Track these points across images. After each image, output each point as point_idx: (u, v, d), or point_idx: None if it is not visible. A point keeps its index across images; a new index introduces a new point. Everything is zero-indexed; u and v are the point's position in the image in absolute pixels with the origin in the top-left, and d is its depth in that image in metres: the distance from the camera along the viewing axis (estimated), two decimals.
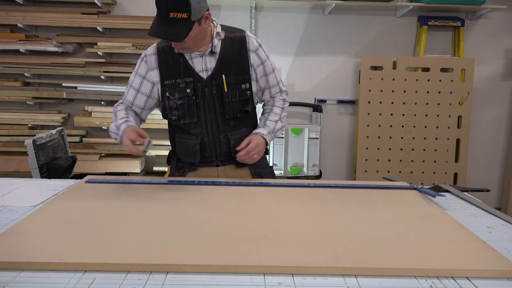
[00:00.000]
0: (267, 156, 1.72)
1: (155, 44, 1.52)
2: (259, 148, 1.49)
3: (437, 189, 1.46)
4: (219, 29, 1.48)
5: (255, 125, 1.63)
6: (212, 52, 1.47)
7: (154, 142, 3.54)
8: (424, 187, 1.45)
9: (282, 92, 1.64)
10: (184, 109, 1.50)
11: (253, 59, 1.52)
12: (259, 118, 1.64)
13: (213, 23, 1.47)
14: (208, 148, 1.55)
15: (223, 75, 1.47)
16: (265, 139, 1.52)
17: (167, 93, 1.50)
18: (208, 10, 1.37)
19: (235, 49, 1.49)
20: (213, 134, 1.53)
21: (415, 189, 1.42)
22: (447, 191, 1.45)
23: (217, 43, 1.47)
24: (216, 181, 1.46)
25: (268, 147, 1.65)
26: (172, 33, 1.29)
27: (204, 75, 1.48)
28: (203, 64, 1.47)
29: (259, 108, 1.67)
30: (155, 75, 1.50)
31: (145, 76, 1.51)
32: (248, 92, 1.52)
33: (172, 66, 1.48)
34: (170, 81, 1.48)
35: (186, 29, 1.30)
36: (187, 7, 1.26)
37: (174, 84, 1.48)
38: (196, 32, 1.34)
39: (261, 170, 1.63)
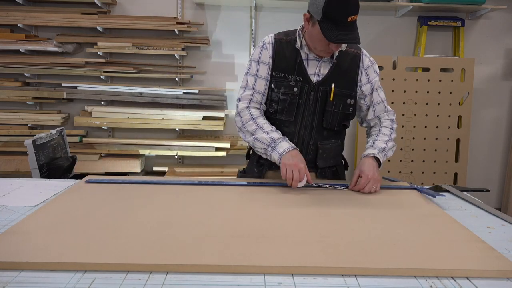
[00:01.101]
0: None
1: (272, 34, 1.52)
2: (373, 178, 1.37)
3: (437, 189, 1.46)
4: None
5: (343, 140, 1.65)
6: (331, 58, 1.47)
7: (154, 142, 3.53)
8: (424, 187, 1.45)
9: (388, 112, 1.61)
10: (284, 105, 1.48)
11: (363, 76, 1.52)
12: (367, 140, 1.59)
13: None
14: None
15: (333, 84, 1.46)
16: (377, 159, 1.44)
17: (272, 85, 1.49)
18: None
19: (348, 63, 1.50)
20: (303, 139, 1.51)
21: (415, 189, 1.42)
22: (447, 191, 1.45)
23: (336, 53, 1.47)
24: (216, 181, 1.46)
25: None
26: (355, 36, 1.32)
27: (314, 79, 1.47)
28: (317, 68, 1.47)
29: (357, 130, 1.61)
30: (270, 64, 1.50)
31: (268, 63, 1.49)
32: (351, 108, 1.53)
33: (286, 60, 1.47)
34: (279, 74, 1.48)
35: (357, 29, 1.33)
36: (359, 8, 1.32)
37: (282, 78, 1.47)
38: None
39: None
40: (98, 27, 3.13)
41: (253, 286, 0.78)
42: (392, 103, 3.29)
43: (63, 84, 3.20)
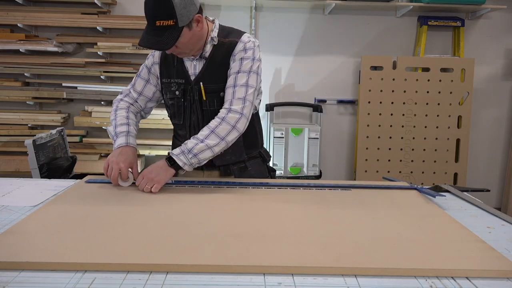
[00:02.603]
0: (267, 165, 1.64)
1: None
2: (147, 177, 1.31)
3: (437, 189, 1.46)
4: (215, 33, 1.42)
5: (248, 134, 1.50)
6: (201, 57, 1.43)
7: (154, 142, 3.53)
8: (424, 187, 1.45)
9: (232, 100, 1.39)
10: (174, 109, 1.50)
11: (232, 62, 1.42)
12: None
13: (212, 23, 1.45)
14: None
15: (201, 83, 1.43)
16: (172, 160, 1.34)
17: (163, 91, 1.52)
18: (199, 12, 1.33)
19: (223, 54, 1.42)
20: None
21: (415, 189, 1.42)
22: (447, 191, 1.45)
23: (209, 49, 1.42)
24: (216, 181, 1.45)
25: (264, 154, 1.61)
26: (160, 41, 1.27)
27: (193, 78, 1.46)
28: (192, 68, 1.45)
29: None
30: (157, 71, 1.52)
31: (150, 68, 1.52)
32: None
33: (170, 66, 1.48)
34: (166, 79, 1.49)
35: (174, 36, 1.27)
36: (172, 14, 1.24)
37: (168, 84, 1.49)
38: (188, 37, 1.32)
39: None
40: (98, 27, 3.13)
41: (253, 286, 0.78)
42: (392, 103, 3.30)
43: (63, 84, 3.20)
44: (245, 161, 1.56)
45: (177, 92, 1.46)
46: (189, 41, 1.33)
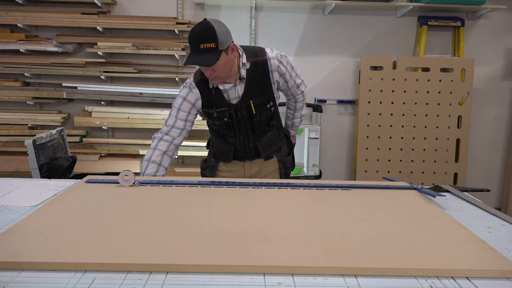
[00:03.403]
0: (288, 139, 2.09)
1: (192, 79, 1.75)
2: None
3: (437, 189, 1.45)
4: (244, 60, 1.68)
5: (277, 125, 1.91)
6: (241, 79, 1.69)
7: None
8: (424, 187, 1.45)
9: (299, 86, 1.90)
10: (222, 127, 1.78)
11: (275, 76, 1.76)
12: (286, 114, 2.03)
13: (238, 51, 1.68)
14: (240, 152, 1.85)
15: (250, 101, 1.71)
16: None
17: (207, 117, 1.80)
18: (233, 42, 1.60)
19: (259, 71, 1.72)
20: (244, 143, 1.82)
21: (415, 189, 1.42)
22: (447, 191, 1.45)
23: (244, 72, 1.69)
24: (216, 181, 1.45)
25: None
26: (204, 59, 1.53)
27: (235, 101, 1.72)
28: (236, 93, 1.71)
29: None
30: (199, 104, 1.75)
31: (194, 103, 1.74)
32: (272, 108, 1.79)
33: (208, 98, 1.73)
34: (207, 110, 1.75)
35: (215, 56, 1.53)
36: (214, 38, 1.51)
37: (210, 113, 1.75)
38: (224, 61, 1.57)
39: (285, 158, 1.96)
40: (98, 27, 3.13)
41: (253, 286, 0.78)
42: (392, 103, 3.30)
43: (63, 84, 3.20)
44: (280, 145, 1.96)
45: (225, 119, 1.74)
46: (225, 65, 1.59)
